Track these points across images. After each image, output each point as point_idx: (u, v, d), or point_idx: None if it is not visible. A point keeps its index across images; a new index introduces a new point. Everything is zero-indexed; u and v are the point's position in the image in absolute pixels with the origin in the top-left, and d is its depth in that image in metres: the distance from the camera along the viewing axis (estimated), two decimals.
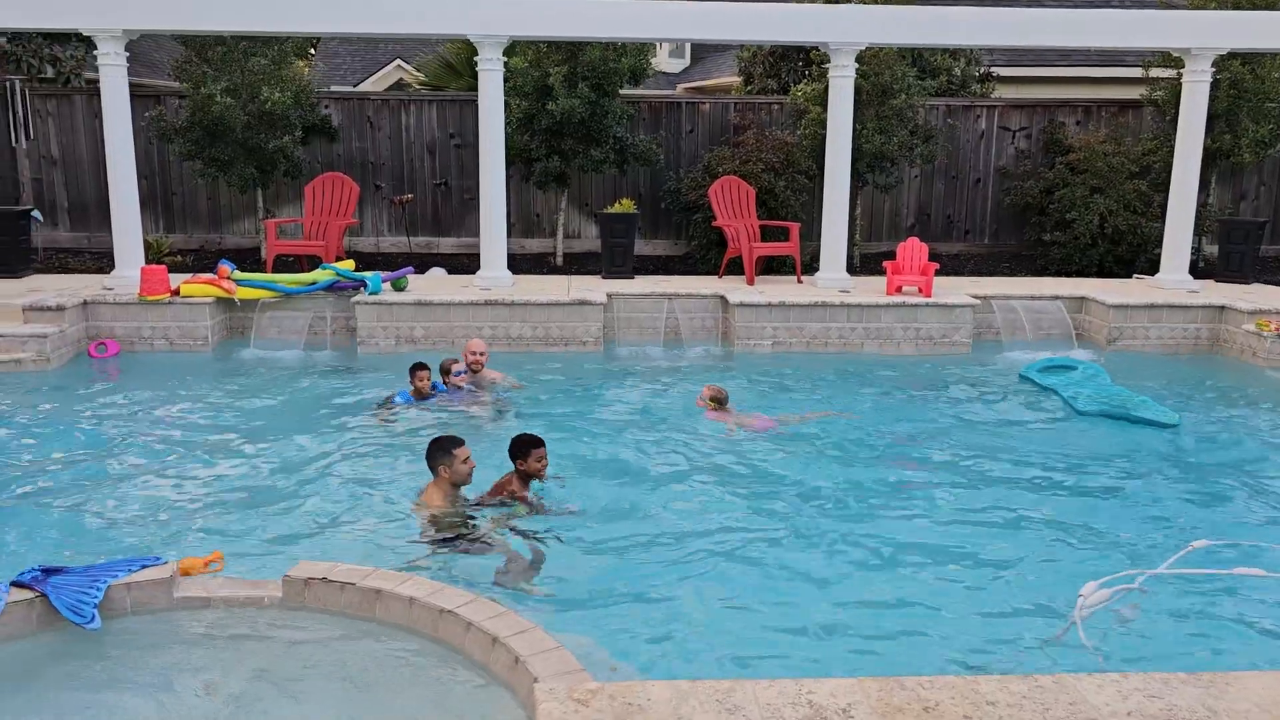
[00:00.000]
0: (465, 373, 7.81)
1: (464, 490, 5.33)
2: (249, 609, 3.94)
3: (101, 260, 11.83)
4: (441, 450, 5.27)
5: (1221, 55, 10.73)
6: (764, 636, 4.23)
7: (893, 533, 5.37)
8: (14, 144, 12.41)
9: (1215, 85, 11.07)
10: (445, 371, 7.80)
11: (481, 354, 8.03)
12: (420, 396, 7.50)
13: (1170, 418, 7.30)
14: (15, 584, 3.87)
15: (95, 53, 9.68)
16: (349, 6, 9.81)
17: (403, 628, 3.81)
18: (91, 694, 3.50)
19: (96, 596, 3.81)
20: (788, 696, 2.76)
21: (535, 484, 5.50)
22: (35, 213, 11.47)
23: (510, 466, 5.49)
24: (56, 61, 13.25)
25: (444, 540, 4.96)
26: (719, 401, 7.32)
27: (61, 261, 12.15)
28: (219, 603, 3.95)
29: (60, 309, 8.91)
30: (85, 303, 9.25)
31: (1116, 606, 4.12)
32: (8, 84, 12.16)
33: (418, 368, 7.55)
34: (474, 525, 5.12)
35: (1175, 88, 11.68)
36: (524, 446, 5.44)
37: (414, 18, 9.91)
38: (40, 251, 12.11)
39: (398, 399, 7.48)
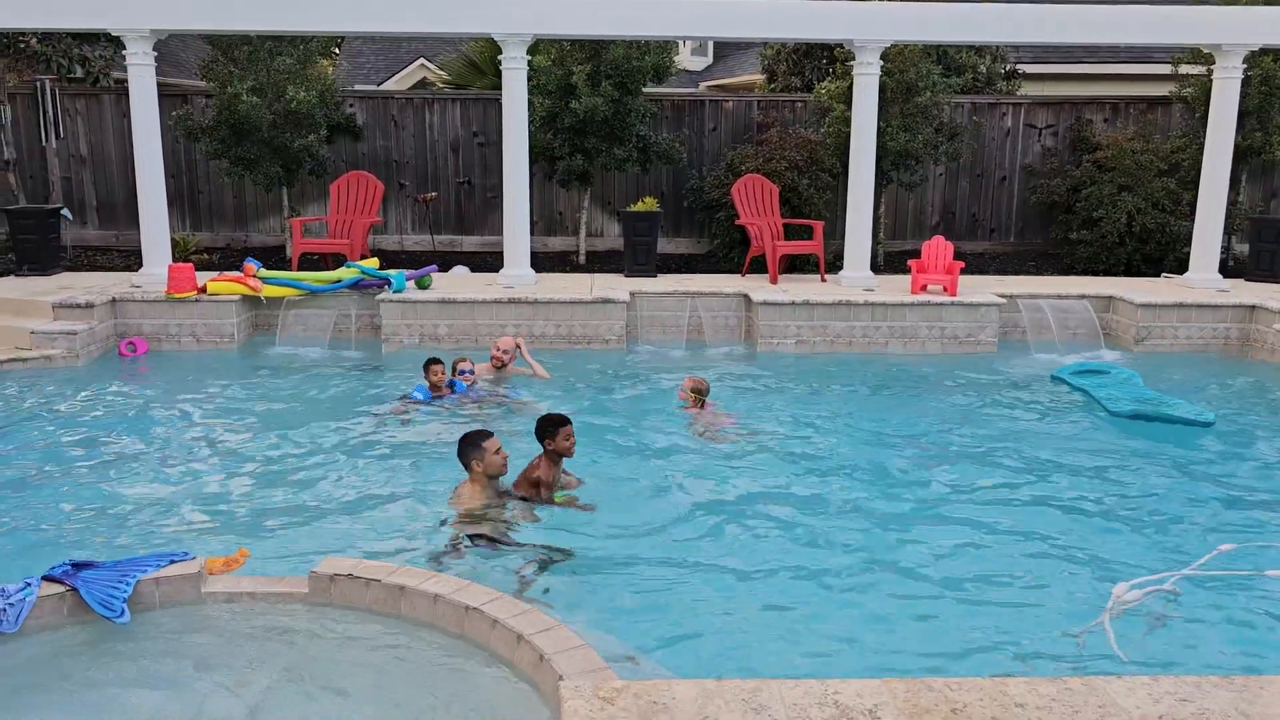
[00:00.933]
0: (471, 371, 7.86)
1: (501, 480, 5.34)
2: (275, 605, 3.97)
3: (129, 258, 11.95)
4: (471, 445, 5.27)
5: (1253, 51, 10.58)
6: (789, 636, 4.22)
7: (919, 532, 5.33)
8: (44, 143, 12.55)
9: (1246, 81, 10.91)
10: (453, 369, 7.86)
11: (505, 352, 8.09)
12: (436, 391, 7.52)
13: (1206, 416, 7.20)
14: (46, 578, 3.91)
15: (123, 53, 9.78)
16: (373, 6, 9.84)
17: (427, 624, 3.82)
18: (120, 688, 3.54)
19: (126, 591, 3.85)
20: (814, 696, 2.74)
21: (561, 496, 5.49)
22: (65, 211, 11.60)
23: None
24: (85, 61, 13.39)
25: (476, 536, 4.96)
26: (700, 393, 7.22)
27: (90, 259, 12.29)
28: (246, 598, 3.98)
29: (89, 306, 9.01)
30: (114, 300, 9.35)
31: (1149, 608, 4.07)
32: (38, 84, 12.30)
33: (432, 362, 7.58)
34: (509, 524, 5.12)
35: (1205, 84, 11.54)
36: (551, 426, 5.42)
37: (438, 17, 9.95)
38: (69, 249, 12.24)
39: (415, 394, 7.49)
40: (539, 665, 3.38)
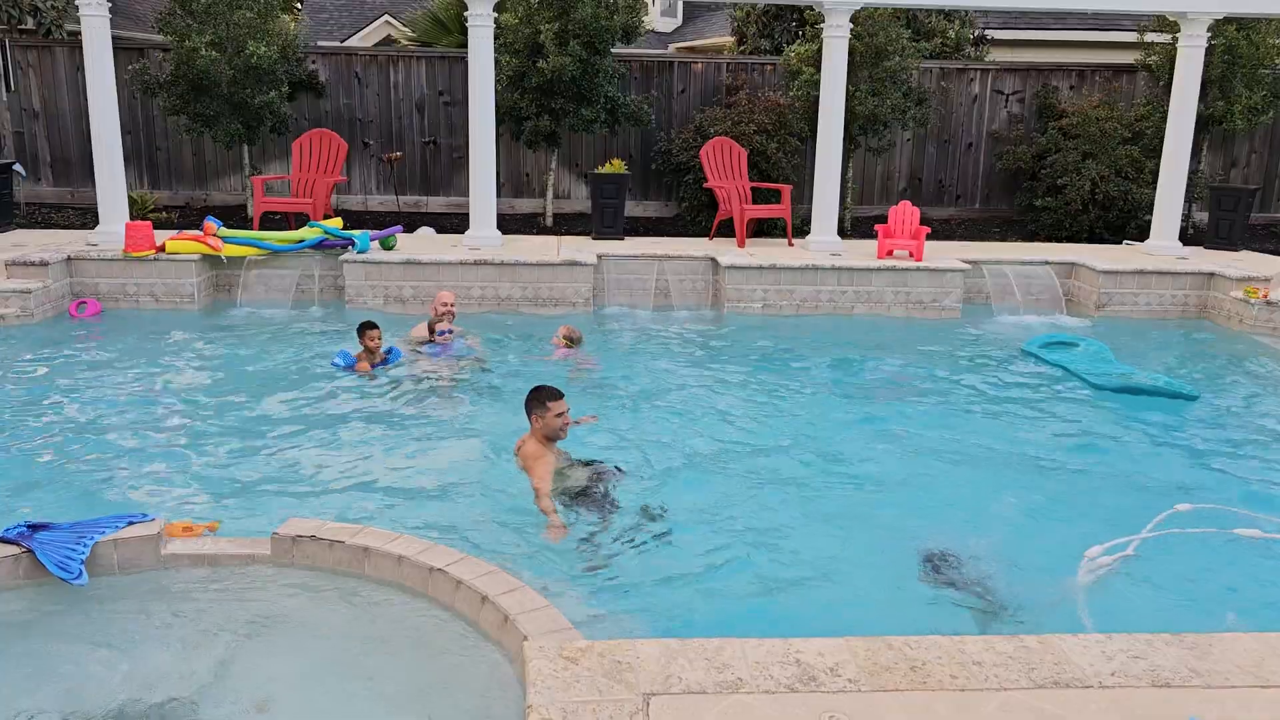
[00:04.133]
0: (450, 332, 7.78)
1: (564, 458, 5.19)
2: (237, 567, 3.94)
3: (85, 216, 11.69)
4: (536, 400, 5.11)
5: (1217, 20, 10.65)
6: (751, 596, 4.25)
7: (886, 494, 5.39)
8: None
9: (1210, 51, 10.99)
10: (431, 330, 7.76)
11: (448, 305, 7.94)
12: (370, 358, 7.21)
13: (1191, 391, 7.13)
14: (1, 540, 3.85)
15: (76, 3, 9.49)
16: None
17: (392, 586, 3.82)
18: (78, 650, 3.50)
19: (83, 553, 3.80)
20: (776, 655, 2.77)
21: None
22: (18, 166, 11.30)
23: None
24: (37, 12, 13.00)
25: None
26: (571, 340, 7.76)
27: (45, 217, 12.00)
28: (207, 560, 3.94)
29: (44, 264, 8.82)
30: (69, 258, 9.15)
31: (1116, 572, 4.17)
32: None
33: (367, 327, 7.23)
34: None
35: (1170, 52, 11.61)
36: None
37: None
38: (23, 206, 11.95)
39: (338, 360, 7.25)
40: (503, 626, 3.38)
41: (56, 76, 12.70)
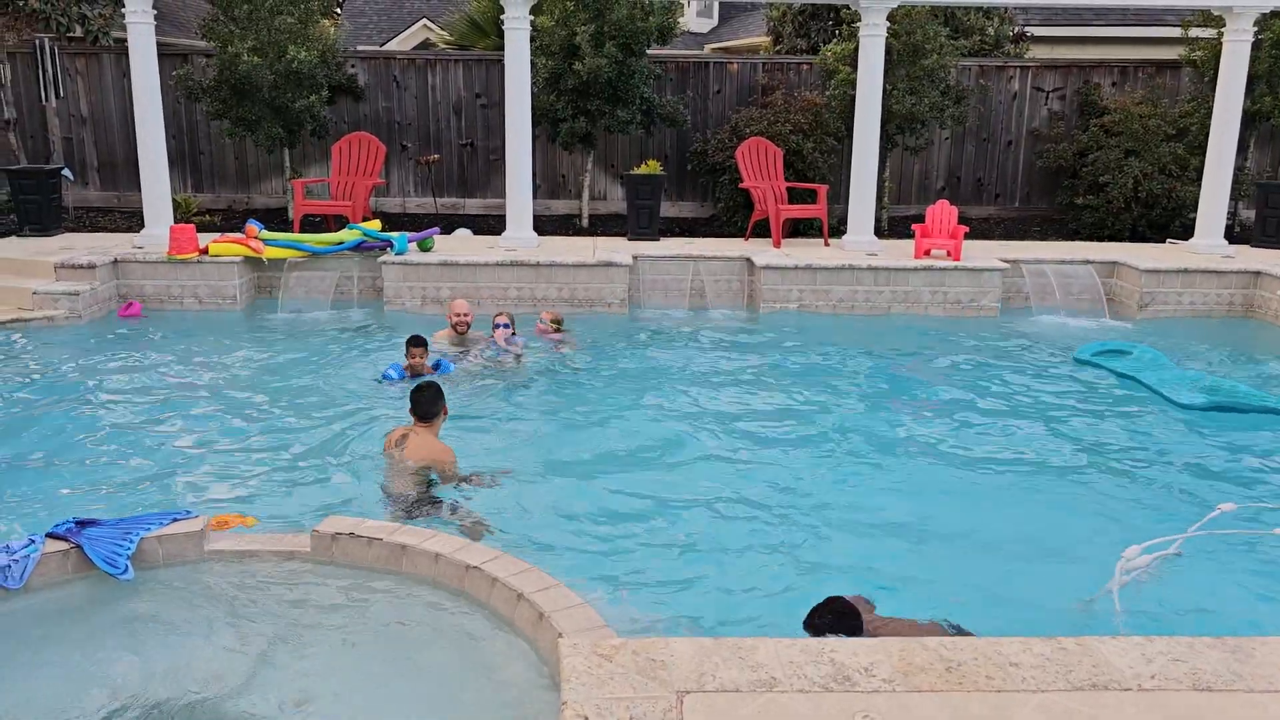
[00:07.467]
0: (509, 325, 7.88)
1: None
2: (277, 562, 4.01)
3: (131, 219, 11.91)
4: (440, 394, 5.35)
5: (1264, 14, 10.44)
6: (784, 594, 4.25)
7: (929, 491, 5.36)
8: (44, 102, 12.46)
9: (1257, 45, 10.77)
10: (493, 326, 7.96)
11: (466, 314, 7.90)
12: (415, 374, 7.02)
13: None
14: (51, 535, 3.95)
15: (123, 10, 9.68)
16: None
17: (428, 582, 3.86)
18: (124, 643, 3.58)
19: (129, 548, 3.88)
20: (810, 654, 2.77)
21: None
22: (66, 171, 11.55)
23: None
24: (85, 20, 13.25)
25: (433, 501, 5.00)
26: (558, 323, 8.49)
27: (92, 220, 12.25)
28: (248, 556, 4.01)
29: (91, 267, 9.01)
30: (116, 261, 9.34)
31: (1154, 574, 4.11)
32: (37, 42, 12.19)
33: (413, 344, 7.05)
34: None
35: (1215, 48, 11.39)
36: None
37: None
38: (71, 210, 12.20)
39: (390, 373, 7.10)
40: (538, 623, 3.41)
41: (103, 82, 12.96)
